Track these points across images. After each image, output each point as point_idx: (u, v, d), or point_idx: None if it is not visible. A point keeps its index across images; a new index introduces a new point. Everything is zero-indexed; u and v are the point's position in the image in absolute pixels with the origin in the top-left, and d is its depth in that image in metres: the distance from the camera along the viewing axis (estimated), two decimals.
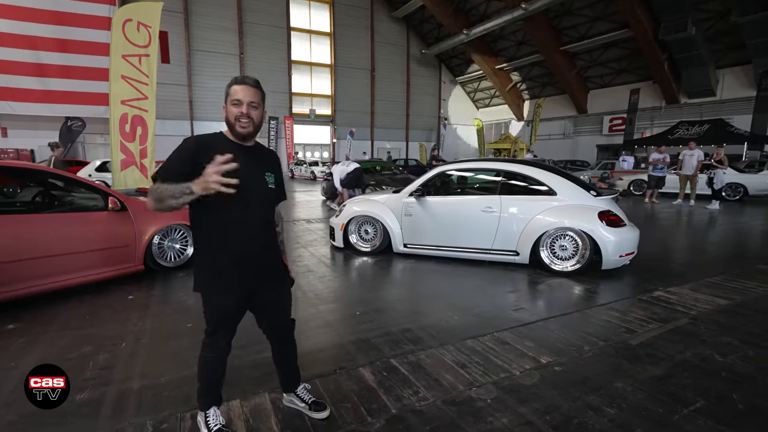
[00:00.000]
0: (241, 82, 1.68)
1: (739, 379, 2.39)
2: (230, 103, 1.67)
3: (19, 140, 20.21)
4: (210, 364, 1.84)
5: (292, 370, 2.09)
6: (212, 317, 1.77)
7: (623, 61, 22.88)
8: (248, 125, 1.68)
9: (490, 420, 2.01)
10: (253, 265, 1.75)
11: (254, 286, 1.78)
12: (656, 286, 4.11)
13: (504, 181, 4.82)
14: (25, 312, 3.29)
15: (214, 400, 1.89)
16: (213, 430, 1.83)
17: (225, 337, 1.82)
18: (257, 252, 1.75)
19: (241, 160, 1.55)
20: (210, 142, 1.68)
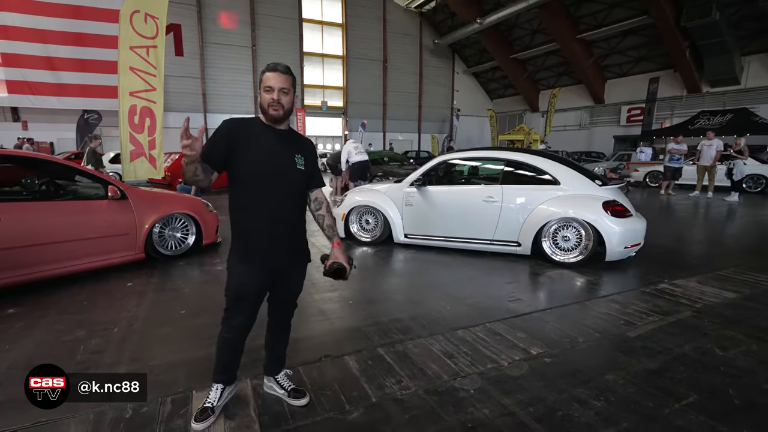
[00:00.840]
0: (273, 69, 1.74)
1: (739, 373, 2.29)
2: (263, 89, 1.74)
3: (38, 133, 20.70)
4: (227, 343, 1.89)
5: (280, 355, 2.11)
6: (233, 292, 1.81)
7: (642, 48, 22.13)
8: (279, 109, 1.75)
9: (470, 410, 1.97)
10: (278, 244, 1.80)
11: (278, 266, 1.83)
12: (662, 278, 3.98)
13: (506, 171, 4.72)
14: (26, 297, 3.36)
15: (223, 378, 1.95)
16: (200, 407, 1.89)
17: (241, 314, 1.83)
18: (283, 231, 1.81)
19: (270, 141, 1.76)
20: (245, 125, 1.77)
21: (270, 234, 1.78)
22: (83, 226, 3.84)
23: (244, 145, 1.71)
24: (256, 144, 1.73)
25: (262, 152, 1.73)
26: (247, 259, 1.78)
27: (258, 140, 1.74)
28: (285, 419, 1.92)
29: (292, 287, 1.99)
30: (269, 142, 1.75)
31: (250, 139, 1.73)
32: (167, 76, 24.19)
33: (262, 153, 1.73)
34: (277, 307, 2.00)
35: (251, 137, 1.73)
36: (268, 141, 1.75)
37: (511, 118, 32.46)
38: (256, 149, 1.72)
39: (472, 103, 33.64)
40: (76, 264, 3.78)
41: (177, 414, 1.94)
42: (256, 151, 1.72)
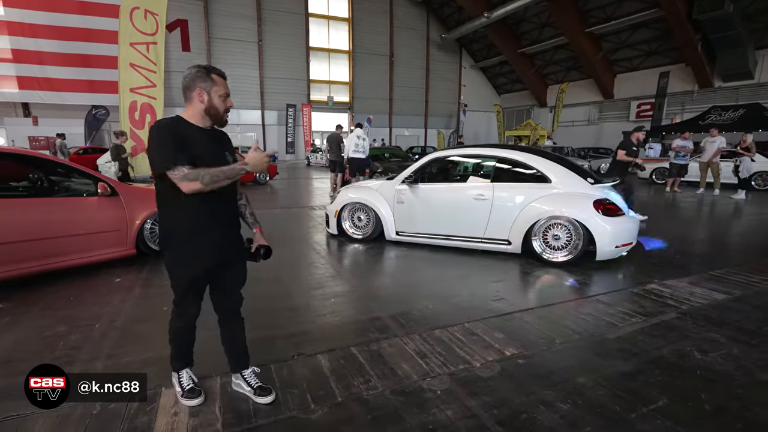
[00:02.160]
0: (223, 76, 1.84)
1: (715, 377, 2.25)
2: (217, 94, 1.81)
3: (48, 128, 20.98)
4: (180, 332, 2.01)
5: (239, 349, 2.12)
6: (179, 286, 1.89)
7: (653, 42, 21.70)
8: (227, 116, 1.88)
9: (434, 412, 1.96)
10: (218, 237, 1.87)
11: (218, 257, 1.89)
12: (652, 278, 3.91)
13: (497, 168, 4.67)
14: (15, 292, 3.43)
15: (186, 362, 2.09)
16: (186, 389, 2.02)
17: (192, 305, 1.94)
18: (223, 225, 1.89)
19: (207, 143, 1.81)
20: (179, 127, 1.77)
21: (214, 229, 1.84)
22: (73, 222, 3.89)
23: (190, 146, 1.73)
24: (196, 145, 1.75)
25: (203, 152, 1.76)
26: (192, 253, 1.82)
27: (196, 141, 1.76)
28: (248, 418, 1.93)
29: (235, 278, 2.02)
30: (205, 142, 1.80)
31: (190, 141, 1.74)
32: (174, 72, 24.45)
33: (204, 153, 1.76)
34: (223, 298, 2.03)
35: (189, 138, 1.75)
36: (204, 141, 1.79)
37: (519, 114, 32.13)
38: (198, 150, 1.75)
39: (480, 98, 33.35)
40: (67, 260, 3.83)
41: (143, 411, 1.97)
42: (198, 152, 1.74)
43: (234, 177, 1.75)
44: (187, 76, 1.79)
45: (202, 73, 1.80)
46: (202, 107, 1.79)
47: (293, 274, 4.09)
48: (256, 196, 10.55)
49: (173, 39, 20.79)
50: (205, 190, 1.70)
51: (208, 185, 1.69)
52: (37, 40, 18.32)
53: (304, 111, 26.61)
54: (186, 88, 1.80)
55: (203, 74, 1.80)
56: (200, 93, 1.78)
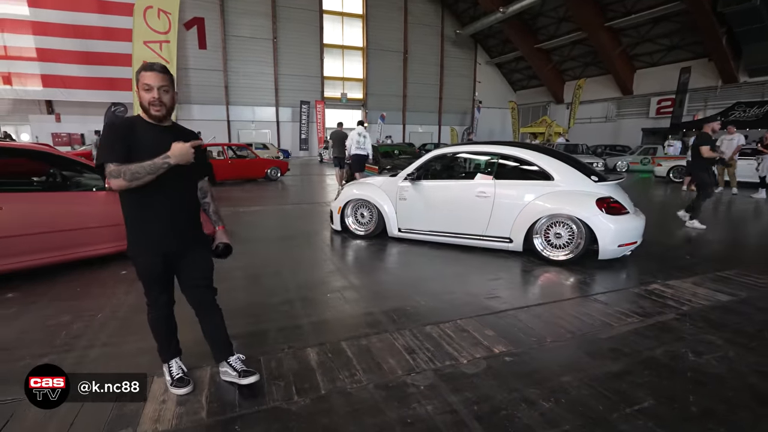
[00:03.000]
0: (149, 69, 1.83)
1: (705, 380, 2.20)
2: (141, 88, 1.82)
3: (71, 125, 21.68)
4: (157, 323, 2.10)
5: (220, 338, 2.18)
6: (141, 275, 1.98)
7: (675, 36, 21.08)
8: (161, 108, 1.85)
9: (414, 406, 1.98)
10: (172, 230, 1.93)
11: (174, 249, 1.96)
12: (656, 278, 3.84)
13: (500, 165, 4.63)
14: (25, 283, 3.57)
15: (173, 352, 2.17)
16: (175, 378, 2.10)
17: (162, 294, 2.04)
18: (176, 219, 1.95)
19: (158, 139, 1.83)
20: (131, 125, 1.86)
21: (167, 224, 1.90)
22: (83, 215, 4.02)
23: (135, 145, 1.78)
24: (145, 143, 1.80)
25: (153, 151, 1.76)
26: (149, 247, 1.91)
27: (146, 139, 1.81)
28: (232, 407, 1.98)
29: (196, 269, 2.06)
30: (156, 140, 1.81)
31: (140, 139, 1.80)
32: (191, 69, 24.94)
33: (153, 152, 1.76)
34: (192, 291, 2.07)
35: (140, 136, 1.81)
36: (155, 139, 1.82)
37: (535, 110, 31.66)
38: (147, 148, 1.77)
39: (495, 94, 33.00)
40: (76, 252, 3.97)
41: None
42: (147, 150, 1.76)
43: (155, 172, 1.74)
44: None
45: (136, 73, 1.87)
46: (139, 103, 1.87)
47: (293, 270, 4.14)
48: (267, 192, 10.69)
49: (190, 37, 21.19)
50: (131, 186, 1.73)
51: (130, 182, 1.72)
52: (59, 39, 18.87)
53: (317, 108, 26.78)
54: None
55: (136, 73, 1.87)
56: (136, 92, 1.88)
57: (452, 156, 5.23)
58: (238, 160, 12.48)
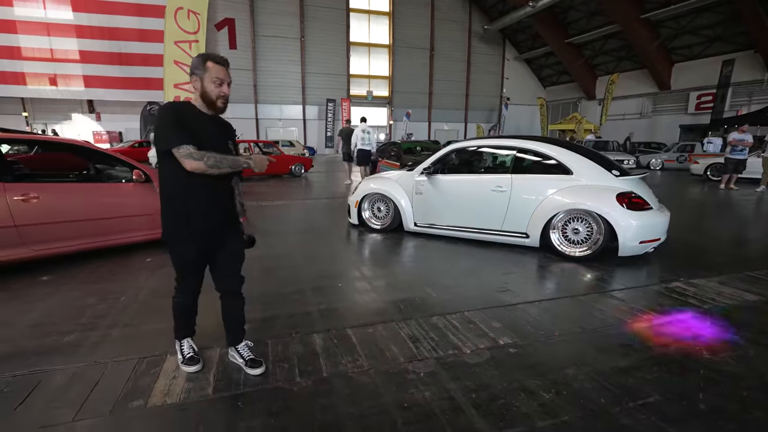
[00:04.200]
0: (221, 63, 1.88)
1: (719, 378, 2.11)
2: (211, 81, 1.87)
3: (110, 124, 22.80)
4: (181, 307, 2.18)
5: (237, 325, 2.26)
6: (179, 264, 2.05)
7: (717, 27, 19.97)
8: (226, 102, 1.94)
9: (411, 391, 2.00)
10: (215, 219, 1.99)
11: (214, 238, 2.02)
12: (679, 276, 3.69)
13: (518, 159, 4.56)
14: (60, 267, 3.82)
15: (187, 333, 2.28)
16: (186, 357, 2.21)
17: (194, 282, 2.11)
18: (219, 207, 2.00)
19: (210, 129, 1.91)
20: (185, 112, 1.88)
21: (208, 210, 1.95)
22: (113, 206, 4.24)
23: (190, 130, 1.82)
24: (200, 129, 1.85)
25: (206, 138, 1.84)
26: (192, 231, 1.94)
27: (200, 126, 1.86)
28: (237, 385, 2.07)
29: (234, 259, 2.14)
30: (209, 128, 1.89)
31: (194, 125, 1.84)
32: None
33: (207, 138, 1.84)
34: (225, 280, 2.15)
35: (194, 123, 1.84)
36: (208, 127, 1.89)
37: (565, 107, 30.79)
38: (201, 134, 1.84)
39: (524, 91, 32.29)
40: (106, 240, 4.20)
41: (147, 373, 2.16)
42: (201, 136, 1.83)
43: (236, 167, 1.88)
44: (192, 63, 1.90)
45: (198, 61, 1.88)
46: (198, 93, 1.89)
47: (308, 261, 4.23)
48: (290, 187, 10.91)
49: (221, 37, 21.78)
50: (207, 171, 1.79)
51: (210, 168, 1.79)
52: (99, 42, 19.86)
53: (343, 105, 26.99)
54: (189, 75, 1.94)
55: (199, 62, 1.87)
56: (195, 80, 1.88)
57: (468, 150, 5.18)
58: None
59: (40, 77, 20.29)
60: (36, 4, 19.58)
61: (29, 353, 2.34)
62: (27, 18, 19.52)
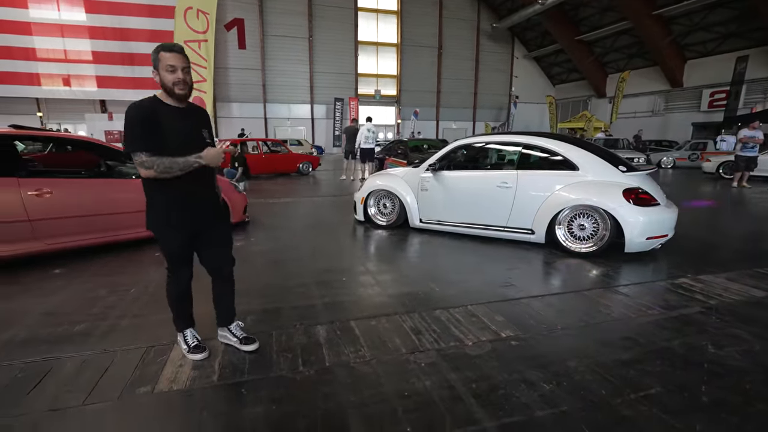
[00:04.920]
0: (170, 50, 1.89)
1: (723, 372, 2.10)
2: (164, 69, 1.87)
3: (122, 123, 23.07)
4: (176, 296, 2.21)
5: (227, 306, 2.37)
6: (168, 252, 2.10)
7: (731, 23, 19.60)
8: (184, 87, 1.92)
9: (412, 381, 2.02)
10: (197, 206, 2.06)
11: (198, 224, 2.09)
12: (685, 272, 3.66)
13: (523, 155, 4.55)
14: (72, 260, 3.91)
15: (187, 323, 2.30)
16: (191, 346, 2.24)
17: (184, 268, 2.15)
18: (200, 195, 2.07)
19: (179, 124, 1.93)
20: (153, 110, 1.89)
21: (191, 201, 2.02)
22: (123, 201, 4.33)
23: (160, 129, 1.85)
24: (170, 126, 1.87)
25: (174, 134, 1.88)
26: (174, 224, 2.00)
27: (169, 122, 1.88)
28: (241, 373, 2.11)
29: (218, 243, 2.21)
30: (179, 123, 1.91)
31: (162, 122, 1.86)
32: (231, 69, 25.81)
33: (178, 134, 1.89)
34: (211, 263, 2.24)
35: (163, 120, 1.86)
36: (178, 121, 1.90)
37: (575, 105, 30.49)
38: (171, 131, 1.87)
39: (533, 89, 32.03)
40: (116, 234, 4.29)
41: (154, 362, 2.21)
42: (172, 134, 1.86)
43: (187, 168, 1.86)
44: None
45: (153, 54, 1.88)
46: (159, 85, 1.90)
47: (313, 256, 4.27)
48: (297, 185, 10.98)
49: (231, 37, 21.99)
50: (159, 177, 1.83)
51: (162, 173, 1.82)
52: (111, 42, 20.16)
53: (351, 104, 27.05)
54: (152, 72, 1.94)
55: (155, 53, 1.88)
56: (155, 74, 1.90)
57: (474, 146, 5.18)
58: (272, 154, 12.88)
59: (54, 78, 20.67)
60: (50, 5, 19.94)
61: (41, 341, 2.41)
62: (41, 20, 19.88)
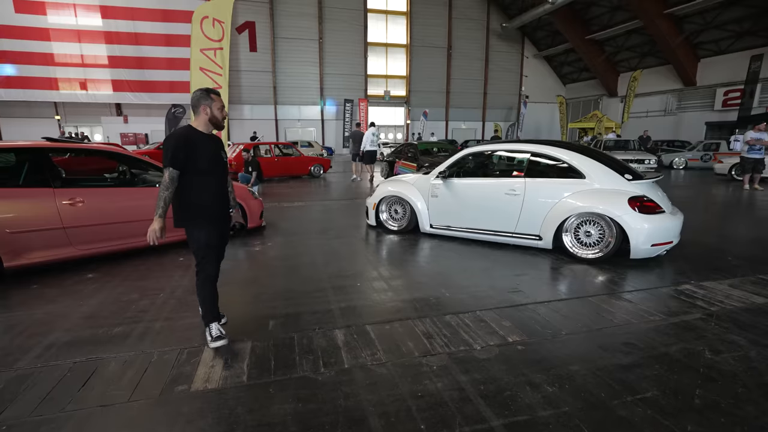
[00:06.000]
0: (218, 94, 2.55)
1: (718, 377, 2.24)
2: (217, 109, 2.51)
3: (137, 126, 23.62)
4: (205, 292, 2.57)
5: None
6: (205, 247, 2.51)
7: (746, 21, 19.39)
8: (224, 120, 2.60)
9: (425, 383, 2.20)
10: (221, 211, 2.59)
11: (223, 225, 2.63)
12: (689, 279, 3.77)
13: (531, 163, 4.68)
14: (102, 265, 4.16)
15: (213, 317, 2.62)
16: (214, 336, 2.58)
17: (216, 262, 2.59)
18: (223, 201, 2.61)
19: (209, 146, 2.52)
20: (190, 135, 2.45)
21: (216, 206, 2.54)
22: (148, 208, 4.54)
23: (194, 152, 2.41)
24: (201, 150, 2.44)
25: (205, 153, 2.46)
26: (207, 223, 2.49)
27: (201, 144, 2.45)
28: (268, 374, 2.30)
29: (225, 242, 2.74)
30: (208, 147, 2.48)
31: (198, 147, 2.42)
32: (243, 71, 26.20)
33: (205, 153, 2.45)
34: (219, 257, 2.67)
35: (198, 145, 2.42)
36: (207, 146, 2.48)
37: (586, 104, 30.34)
38: (201, 151, 2.43)
39: (543, 88, 31.95)
40: (141, 241, 4.47)
41: (188, 362, 2.42)
42: (204, 155, 2.45)
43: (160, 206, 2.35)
44: (194, 96, 2.47)
45: (204, 94, 2.48)
46: (207, 118, 2.48)
47: (328, 261, 4.46)
48: (309, 188, 11.21)
49: (242, 40, 22.36)
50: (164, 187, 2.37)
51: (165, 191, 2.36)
52: (127, 47, 20.65)
53: (360, 106, 27.27)
54: (194, 105, 2.47)
55: (205, 95, 2.48)
56: (204, 108, 2.47)
57: (483, 154, 5.32)
58: (284, 158, 13.13)
59: (71, 82, 21.27)
60: (68, 11, 20.51)
61: (85, 342, 2.64)
62: (59, 26, 20.47)
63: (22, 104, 21.71)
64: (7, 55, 20.01)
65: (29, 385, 2.19)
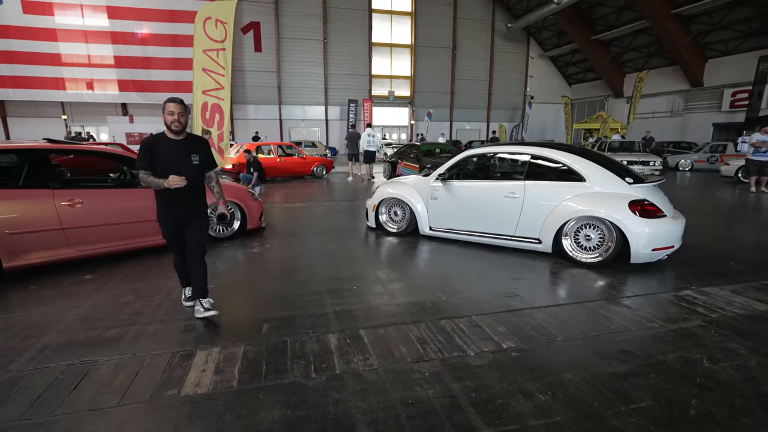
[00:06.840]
0: (172, 101, 2.79)
1: (714, 386, 2.19)
2: (166, 112, 2.77)
3: (142, 125, 23.68)
4: (178, 264, 3.15)
5: (200, 284, 3.03)
6: (167, 237, 3.02)
7: (754, 21, 19.13)
8: (179, 126, 2.81)
9: (416, 389, 2.18)
10: (182, 208, 2.90)
11: (184, 220, 2.95)
12: (690, 284, 3.72)
13: (531, 166, 4.64)
14: (100, 266, 4.17)
15: (187, 282, 3.22)
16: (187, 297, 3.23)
17: (178, 246, 3.04)
18: (185, 200, 2.89)
19: (172, 150, 2.83)
20: (158, 140, 2.84)
21: (181, 203, 2.86)
22: (146, 209, 4.56)
23: (160, 155, 2.78)
24: (166, 153, 2.79)
25: (167, 157, 2.79)
26: (169, 218, 2.92)
27: (167, 151, 2.80)
28: (259, 379, 2.29)
29: (195, 235, 2.98)
30: (174, 151, 2.82)
31: (163, 150, 2.79)
32: (248, 72, 26.28)
33: (167, 157, 2.79)
34: (190, 248, 2.99)
35: (164, 148, 2.79)
36: (173, 150, 2.82)
37: (591, 105, 30.11)
38: (167, 156, 2.79)
39: (548, 89, 31.76)
40: (140, 242, 4.54)
41: (180, 366, 2.42)
42: (167, 159, 2.79)
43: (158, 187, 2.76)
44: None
45: (164, 103, 2.81)
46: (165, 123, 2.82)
47: (325, 263, 4.45)
48: (311, 189, 11.21)
49: (246, 40, 22.44)
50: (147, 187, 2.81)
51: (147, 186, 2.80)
52: (133, 47, 20.78)
53: (365, 106, 27.26)
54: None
55: (164, 102, 2.81)
56: (163, 115, 2.80)
57: (483, 156, 5.29)
58: (287, 158, 13.15)
59: (78, 82, 21.44)
60: (75, 12, 20.68)
61: (78, 345, 2.64)
62: (66, 26, 20.64)
63: (30, 104, 21.93)
64: (15, 56, 20.21)
65: (21, 388, 2.20)
